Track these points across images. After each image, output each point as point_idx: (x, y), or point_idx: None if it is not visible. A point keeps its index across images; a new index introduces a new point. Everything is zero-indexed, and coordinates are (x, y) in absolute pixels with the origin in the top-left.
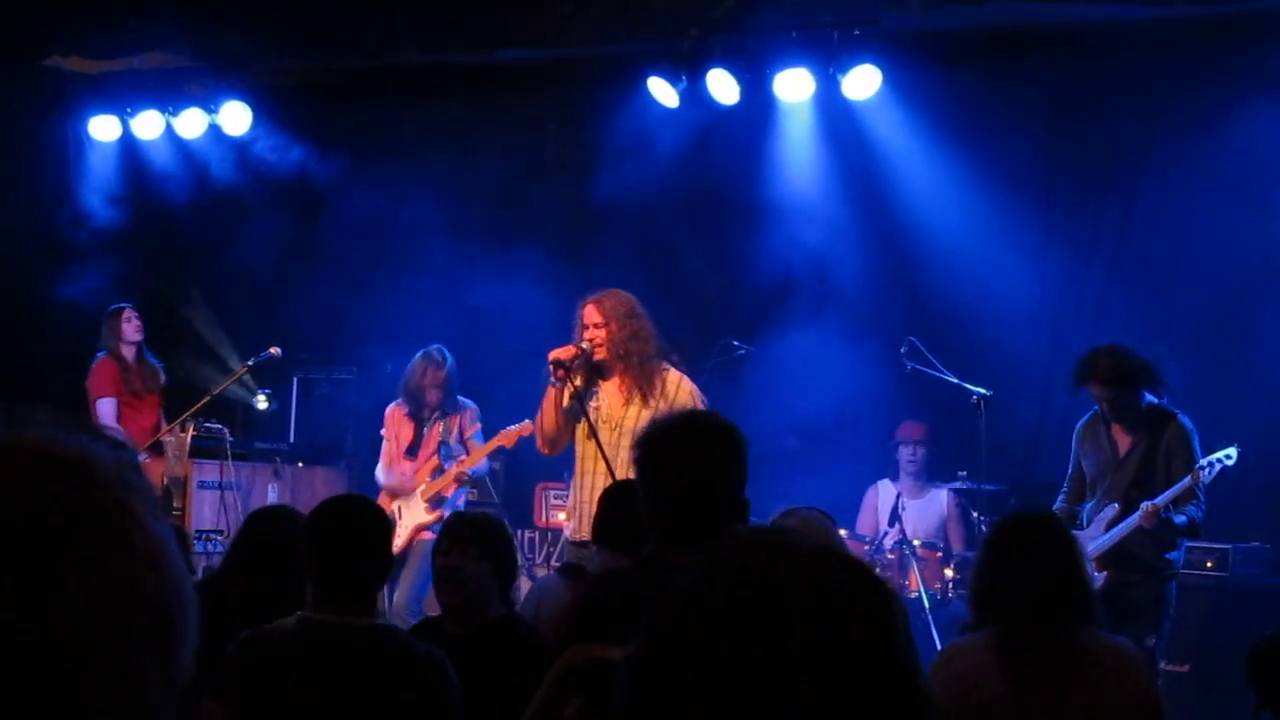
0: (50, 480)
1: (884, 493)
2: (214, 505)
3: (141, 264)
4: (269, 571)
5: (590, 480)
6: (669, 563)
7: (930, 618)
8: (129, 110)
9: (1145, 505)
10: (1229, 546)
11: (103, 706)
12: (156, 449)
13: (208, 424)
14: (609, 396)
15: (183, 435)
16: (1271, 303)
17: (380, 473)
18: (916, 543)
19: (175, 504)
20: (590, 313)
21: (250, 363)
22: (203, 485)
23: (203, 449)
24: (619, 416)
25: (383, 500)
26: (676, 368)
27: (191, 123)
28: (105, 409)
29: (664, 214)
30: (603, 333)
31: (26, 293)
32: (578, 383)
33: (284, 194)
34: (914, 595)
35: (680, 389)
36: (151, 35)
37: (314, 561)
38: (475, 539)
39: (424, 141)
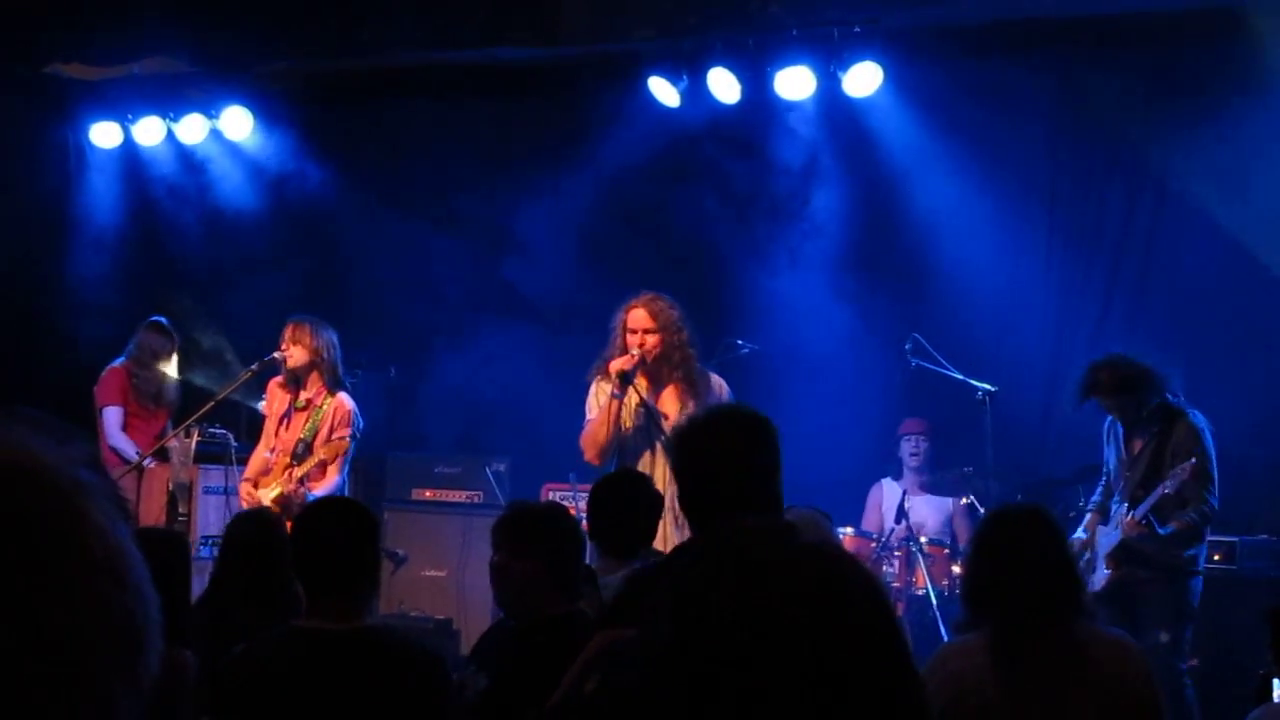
0: None
1: (888, 490)
2: (219, 510)
3: (145, 269)
4: (260, 576)
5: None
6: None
7: (938, 614)
8: (130, 116)
9: (1124, 518)
10: (1236, 540)
11: None
12: (161, 454)
13: (212, 429)
14: (667, 401)
15: (187, 440)
16: (1275, 299)
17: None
18: (923, 540)
19: (181, 509)
20: (639, 317)
21: (254, 368)
22: (208, 490)
23: (207, 454)
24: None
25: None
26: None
27: (193, 128)
28: (111, 417)
29: (664, 212)
30: (655, 338)
31: (29, 300)
32: (642, 393)
33: (286, 198)
34: (921, 592)
35: (723, 391)
36: (150, 40)
37: (301, 568)
38: (516, 537)
39: (425, 142)
